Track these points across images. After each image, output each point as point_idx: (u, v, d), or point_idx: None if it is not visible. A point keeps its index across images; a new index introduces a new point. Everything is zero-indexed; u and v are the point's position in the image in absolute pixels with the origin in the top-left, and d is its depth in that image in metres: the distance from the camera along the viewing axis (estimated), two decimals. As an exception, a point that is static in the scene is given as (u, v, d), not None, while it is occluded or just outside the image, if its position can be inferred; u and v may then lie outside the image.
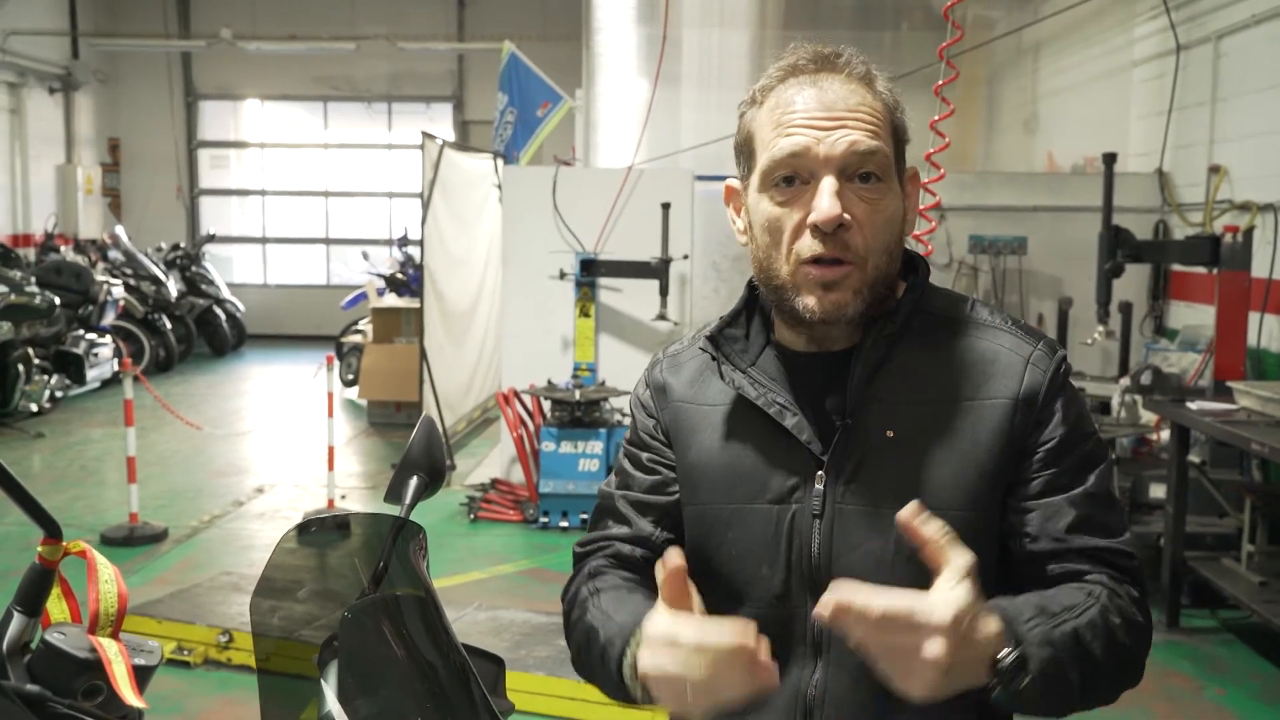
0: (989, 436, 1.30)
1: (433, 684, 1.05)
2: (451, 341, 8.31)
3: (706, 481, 1.39)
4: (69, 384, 9.52)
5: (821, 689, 1.32)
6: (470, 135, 14.71)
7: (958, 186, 7.11)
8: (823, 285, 1.29)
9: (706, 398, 1.42)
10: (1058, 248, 6.91)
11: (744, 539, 1.36)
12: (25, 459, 8.26)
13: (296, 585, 1.09)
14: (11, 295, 8.55)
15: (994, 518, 1.32)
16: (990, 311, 1.39)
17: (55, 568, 0.92)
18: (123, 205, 15.59)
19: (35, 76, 13.68)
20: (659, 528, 1.46)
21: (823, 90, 1.30)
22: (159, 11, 14.86)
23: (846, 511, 1.31)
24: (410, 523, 1.21)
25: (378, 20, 14.24)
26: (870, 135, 1.28)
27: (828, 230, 1.26)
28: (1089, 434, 1.35)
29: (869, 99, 1.31)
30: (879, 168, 1.28)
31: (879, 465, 1.31)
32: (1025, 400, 1.30)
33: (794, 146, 1.28)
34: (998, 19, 8.92)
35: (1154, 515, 5.32)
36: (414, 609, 1.12)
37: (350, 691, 1.01)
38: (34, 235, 13.38)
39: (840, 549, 1.31)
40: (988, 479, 1.30)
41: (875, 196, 1.29)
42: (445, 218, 7.96)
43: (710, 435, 1.41)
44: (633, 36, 8.77)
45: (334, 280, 15.42)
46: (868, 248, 1.29)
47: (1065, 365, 1.35)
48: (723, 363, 1.39)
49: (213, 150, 15.90)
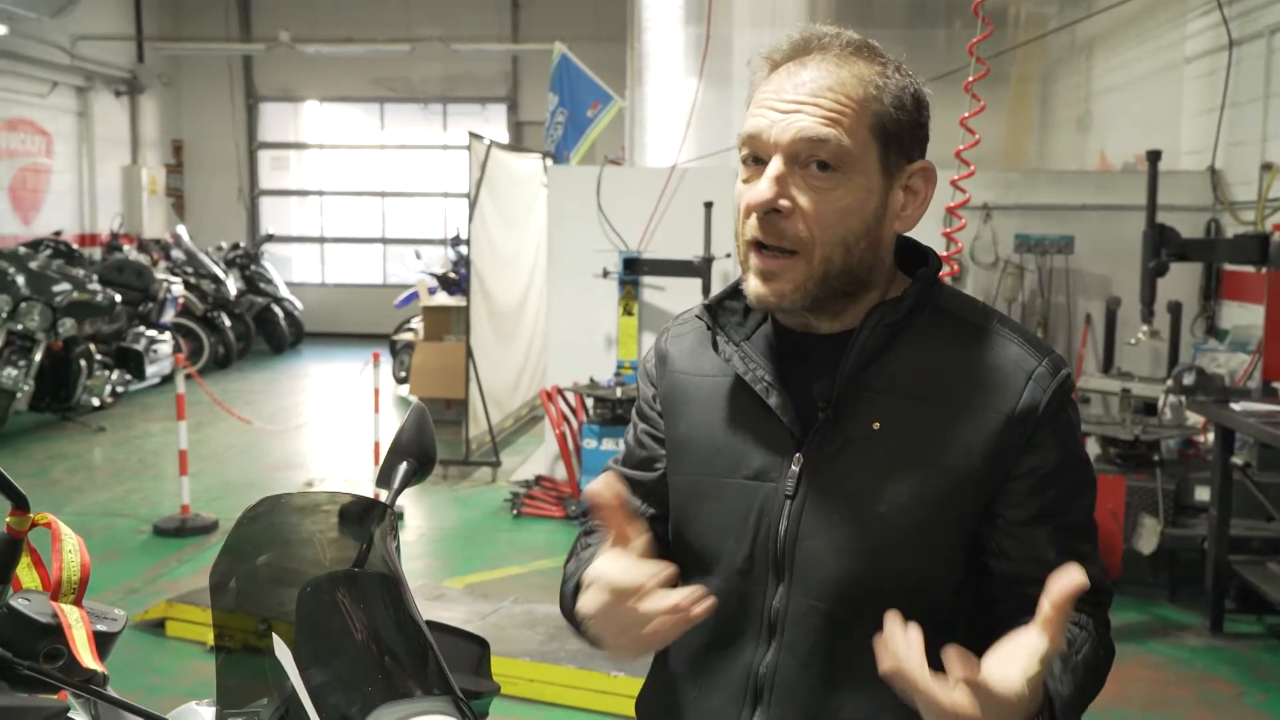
0: (976, 449, 1.27)
1: (389, 657, 1.09)
2: (499, 339, 8.40)
3: (692, 453, 1.40)
4: (129, 379, 9.74)
5: (771, 669, 1.32)
6: (524, 136, 14.83)
7: (1004, 185, 7.05)
8: (763, 273, 1.29)
9: (702, 369, 1.42)
10: (1106, 247, 6.82)
11: (718, 512, 1.36)
12: (86, 452, 8.49)
13: (257, 561, 1.13)
14: (74, 293, 8.78)
15: (962, 530, 1.31)
16: (1001, 320, 1.36)
17: (23, 537, 0.97)
18: (185, 205, 15.94)
19: (102, 80, 14.03)
20: (645, 503, 1.49)
21: (799, 72, 1.28)
22: (221, 15, 15.17)
23: (818, 497, 1.30)
24: (383, 505, 1.25)
25: (432, 22, 14.41)
26: (826, 123, 1.24)
27: (759, 213, 1.26)
28: (1081, 460, 1.34)
29: (845, 83, 1.27)
30: (831, 156, 1.24)
31: (859, 456, 1.29)
32: (1020, 418, 1.27)
33: (754, 126, 1.28)
34: (1050, 15, 8.83)
35: (1199, 518, 5.24)
36: (376, 586, 1.16)
37: (305, 661, 1.05)
38: (100, 235, 13.73)
39: (806, 533, 1.30)
40: (966, 491, 1.28)
41: (826, 186, 1.25)
42: (493, 217, 8.05)
43: (701, 407, 1.41)
44: (680, 37, 8.79)
45: (390, 279, 15.62)
46: (812, 238, 1.26)
47: (1067, 385, 1.31)
48: (718, 333, 1.38)
49: (273, 151, 16.20)
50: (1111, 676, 1.34)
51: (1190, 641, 4.93)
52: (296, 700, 1.03)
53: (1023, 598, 1.30)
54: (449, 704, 1.09)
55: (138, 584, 5.44)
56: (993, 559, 1.32)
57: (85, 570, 0.98)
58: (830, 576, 1.29)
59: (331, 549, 1.16)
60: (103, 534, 6.31)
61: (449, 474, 7.69)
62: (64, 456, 8.28)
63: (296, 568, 1.13)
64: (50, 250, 9.89)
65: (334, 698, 1.03)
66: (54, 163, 13.36)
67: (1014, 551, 1.31)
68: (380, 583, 1.16)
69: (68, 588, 0.97)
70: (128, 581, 5.47)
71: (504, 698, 4.22)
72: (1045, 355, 1.31)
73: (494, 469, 7.71)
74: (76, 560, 0.98)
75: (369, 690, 1.03)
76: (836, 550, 1.29)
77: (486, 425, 7.89)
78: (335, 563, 1.15)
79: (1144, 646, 4.87)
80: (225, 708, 1.06)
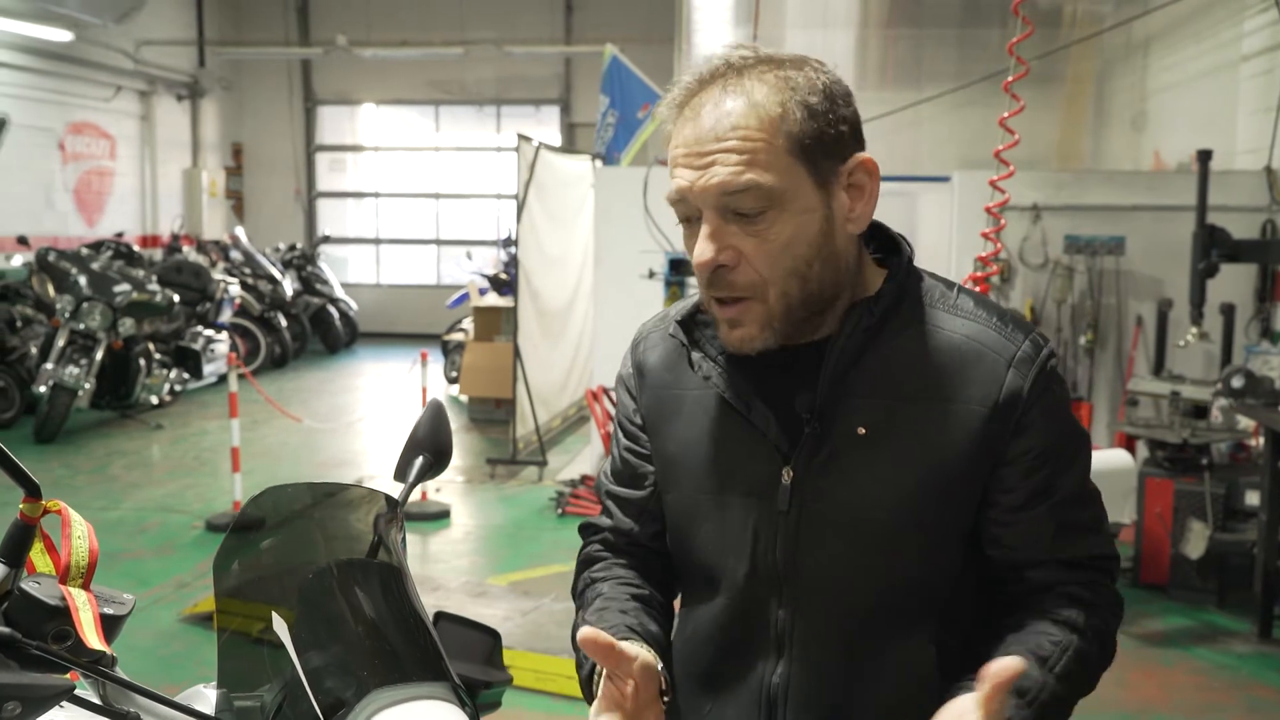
0: (964, 441, 1.26)
1: (388, 644, 1.13)
2: (546, 339, 8.47)
3: (683, 470, 1.39)
4: (187, 378, 9.94)
5: (785, 682, 1.32)
6: (577, 137, 14.92)
7: (1054, 185, 6.98)
8: (728, 323, 1.29)
9: (683, 382, 1.40)
10: (1158, 248, 6.72)
11: (714, 530, 1.36)
12: (145, 449, 8.68)
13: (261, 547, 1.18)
14: (134, 293, 8.98)
15: (960, 524, 1.31)
16: (976, 302, 1.33)
17: (36, 523, 1.01)
18: (244, 207, 16.23)
19: (164, 85, 14.33)
20: (638, 523, 1.48)
21: (699, 117, 1.23)
22: (280, 20, 15.43)
23: (812, 509, 1.29)
24: (387, 497, 1.29)
25: (486, 25, 14.54)
26: (740, 167, 1.20)
27: (705, 274, 1.25)
28: (1070, 433, 1.32)
29: (747, 115, 1.21)
30: (755, 200, 1.21)
31: (848, 463, 1.28)
32: (1005, 405, 1.26)
33: (676, 189, 1.25)
34: (1106, 14, 8.72)
35: (1249, 523, 5.15)
36: (377, 575, 1.20)
37: (305, 646, 1.09)
38: (161, 236, 14.02)
39: (804, 548, 1.30)
40: (958, 485, 1.28)
41: (760, 228, 1.23)
42: (541, 218, 8.11)
43: (686, 422, 1.39)
44: (730, 38, 8.81)
45: (443, 280, 15.78)
46: (763, 279, 1.25)
47: (1050, 364, 1.30)
48: (693, 350, 1.37)
49: (330, 154, 16.44)
50: (1157, 682, 1.36)
51: (1238, 648, 4.85)
52: (296, 685, 1.07)
53: (1024, 582, 1.32)
54: (445, 689, 1.12)
55: (188, 578, 5.56)
56: (990, 547, 1.33)
57: (93, 555, 1.03)
58: (833, 586, 1.30)
59: (336, 538, 1.20)
60: (157, 529, 6.46)
61: (496, 473, 7.77)
62: (122, 453, 8.47)
63: (300, 555, 1.17)
64: (111, 251, 10.12)
65: (330, 681, 1.07)
66: (117, 165, 13.67)
67: (1009, 539, 1.31)
68: (382, 572, 1.20)
69: (76, 571, 1.01)
70: (179, 576, 5.59)
71: (542, 694, 4.27)
72: (1025, 336, 1.30)
73: (540, 468, 7.77)
74: (85, 546, 1.03)
75: (364, 675, 1.06)
76: (836, 560, 1.29)
77: (534, 425, 7.95)
78: (339, 552, 1.18)
79: (1190, 653, 4.80)
80: (227, 690, 1.10)
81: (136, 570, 5.70)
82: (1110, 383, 6.91)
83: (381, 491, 1.29)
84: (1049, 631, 1.27)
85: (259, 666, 1.11)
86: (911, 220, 7.55)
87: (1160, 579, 5.42)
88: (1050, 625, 1.28)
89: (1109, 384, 6.91)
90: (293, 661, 1.08)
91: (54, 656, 0.98)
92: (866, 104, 5.57)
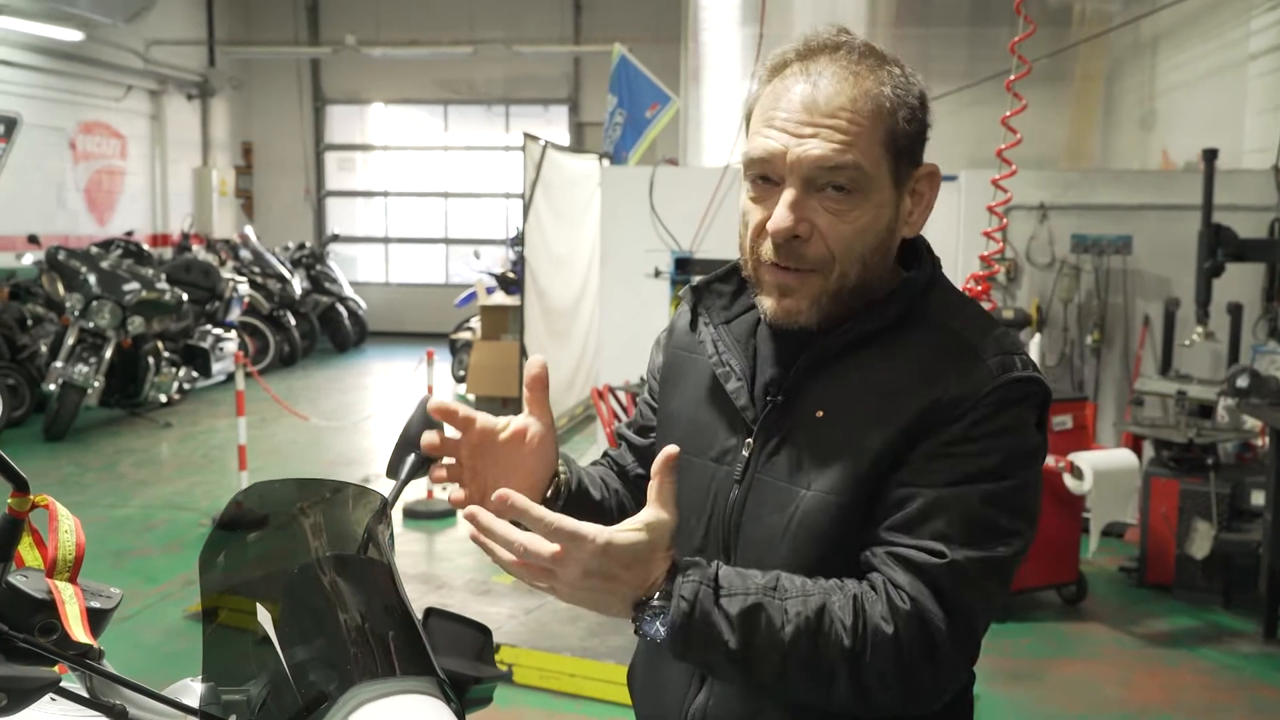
0: (899, 428, 1.25)
1: (373, 639, 1.14)
2: (553, 338, 8.48)
3: (676, 429, 1.45)
4: (196, 376, 9.98)
5: None
6: (585, 137, 14.93)
7: (1061, 184, 6.97)
8: (779, 289, 1.30)
9: (695, 347, 1.46)
10: (1165, 247, 6.70)
11: (687, 489, 1.37)
12: (154, 446, 8.72)
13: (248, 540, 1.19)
14: (143, 292, 9.01)
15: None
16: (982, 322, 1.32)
17: (24, 518, 1.02)
18: (254, 206, 16.27)
19: (174, 84, 14.39)
20: (637, 463, 1.58)
21: (813, 86, 1.25)
22: (290, 20, 15.48)
23: (762, 482, 1.33)
24: (375, 493, 1.30)
25: (495, 25, 14.56)
26: (842, 147, 1.23)
27: (779, 241, 1.27)
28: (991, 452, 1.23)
29: (859, 100, 1.25)
30: (849, 180, 1.24)
31: (800, 442, 1.31)
32: (948, 403, 1.24)
33: (766, 149, 1.27)
34: (1114, 13, 8.70)
35: (1254, 523, 5.14)
36: (364, 571, 1.21)
37: (289, 640, 1.10)
38: (171, 235, 14.08)
39: (748, 517, 1.34)
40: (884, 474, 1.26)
41: (844, 208, 1.26)
42: (548, 217, 8.13)
43: (689, 384, 1.46)
44: (737, 37, 8.81)
45: (452, 279, 15.81)
46: (831, 257, 1.27)
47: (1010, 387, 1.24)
48: (700, 314, 1.43)
49: (340, 153, 16.48)
50: (1161, 682, 1.28)
51: (1243, 648, 4.84)
52: (280, 679, 1.08)
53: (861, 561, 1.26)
54: (429, 684, 1.13)
55: (195, 575, 5.56)
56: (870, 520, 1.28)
57: (80, 549, 1.04)
58: (761, 559, 1.31)
59: (323, 535, 1.21)
60: (165, 526, 6.49)
61: (503, 471, 7.77)
62: (131, 451, 8.51)
63: (287, 551, 1.18)
64: (121, 250, 10.17)
65: (314, 675, 1.08)
66: (128, 165, 13.72)
67: (877, 510, 1.25)
68: (369, 568, 1.21)
69: (63, 566, 1.03)
70: (186, 573, 5.62)
71: (545, 692, 4.28)
72: (998, 355, 1.26)
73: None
74: (72, 540, 1.04)
75: (348, 669, 1.07)
76: (768, 534, 1.32)
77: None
78: (326, 548, 1.19)
79: (1195, 653, 4.79)
80: (211, 682, 1.11)
81: (144, 567, 5.73)
82: (1117, 382, 6.89)
83: (371, 489, 1.30)
84: (813, 580, 1.21)
85: (244, 660, 1.12)
86: (919, 219, 7.54)
87: (1165, 579, 5.41)
88: (822, 580, 1.21)
89: (1115, 383, 6.89)
90: (277, 655, 1.09)
91: (40, 649, 0.99)
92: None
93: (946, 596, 1.19)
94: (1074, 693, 4.42)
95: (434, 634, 1.38)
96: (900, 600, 1.19)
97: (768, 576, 1.20)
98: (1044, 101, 8.82)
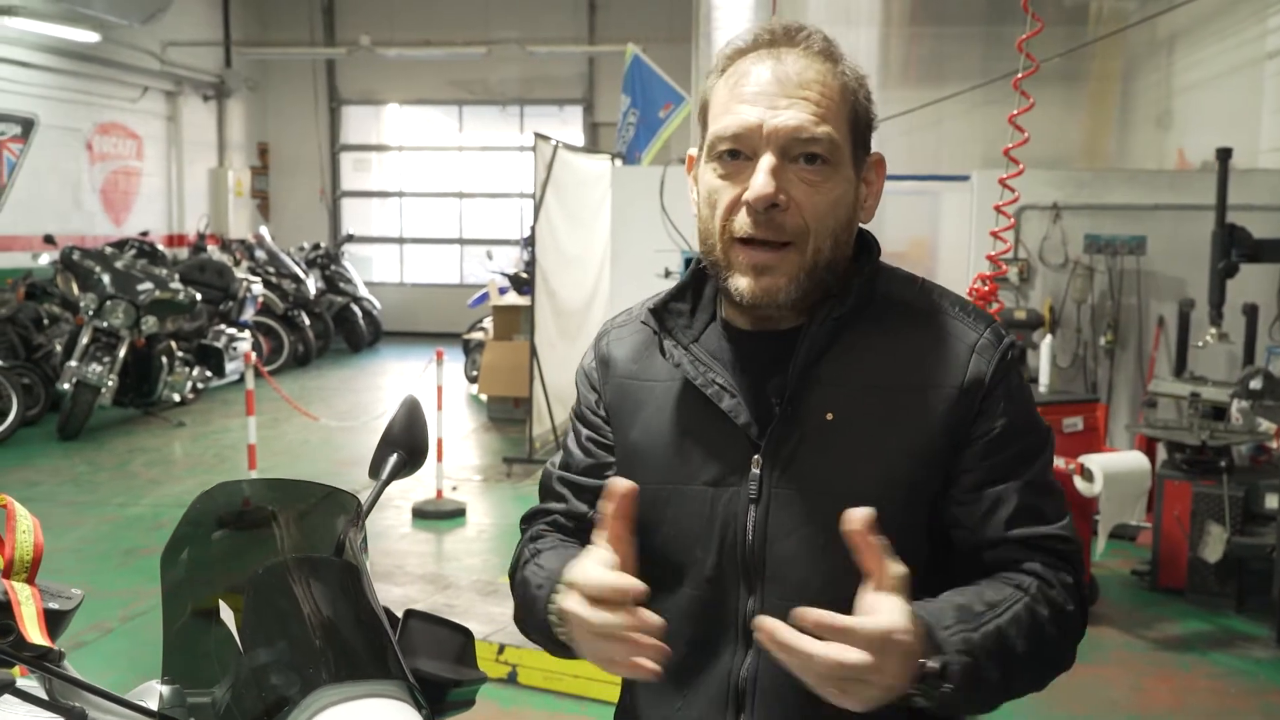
0: (931, 426, 1.28)
1: (339, 642, 1.12)
2: (564, 339, 8.46)
3: (648, 460, 1.38)
4: (209, 376, 10.02)
5: (752, 675, 1.30)
6: (600, 137, 14.92)
7: (1075, 184, 6.92)
8: (755, 268, 1.27)
9: (650, 373, 1.40)
10: (1180, 248, 6.64)
11: (681, 520, 1.35)
12: (166, 446, 8.75)
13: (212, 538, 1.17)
14: (157, 291, 9.05)
15: (926, 508, 1.30)
16: (939, 294, 1.37)
17: (-19, 519, 1.02)
18: (270, 206, 16.33)
19: (190, 85, 14.45)
20: (594, 509, 1.44)
21: (780, 64, 1.27)
22: (305, 21, 15.53)
23: (782, 496, 1.29)
24: (348, 495, 1.28)
25: (509, 25, 14.56)
26: (818, 117, 1.25)
27: (760, 209, 1.24)
28: (1032, 424, 1.33)
29: (826, 77, 1.28)
30: (824, 150, 1.25)
31: (817, 449, 1.28)
32: (968, 389, 1.28)
33: (741, 123, 1.25)
34: (1130, 11, 8.63)
35: (1269, 526, 5.08)
36: (332, 573, 1.19)
37: (253, 642, 1.08)
38: (187, 235, 14.14)
39: (775, 534, 1.29)
40: (925, 470, 1.28)
41: (818, 179, 1.26)
42: (559, 217, 8.11)
43: (652, 413, 1.39)
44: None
45: (466, 279, 15.83)
46: (807, 229, 1.26)
47: (1012, 353, 1.33)
48: (665, 338, 1.37)
49: (355, 153, 16.52)
50: (1173, 687, 1.32)
51: (1256, 653, 4.78)
52: (242, 682, 1.07)
53: (983, 564, 1.30)
54: (396, 688, 1.11)
55: (204, 574, 5.59)
56: (953, 530, 1.32)
57: (38, 550, 1.02)
58: (803, 575, 1.28)
59: (291, 535, 1.19)
60: (175, 525, 6.49)
61: (513, 472, 7.78)
62: (144, 450, 8.54)
63: (252, 551, 1.17)
64: (135, 250, 10.20)
65: (277, 677, 1.06)
66: (144, 165, 13.78)
67: (968, 518, 1.30)
68: (337, 570, 1.19)
69: (20, 566, 1.01)
70: (195, 571, 5.62)
71: (549, 693, 4.26)
72: (986, 325, 1.33)
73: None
74: (30, 540, 1.02)
75: (311, 672, 1.06)
76: (808, 548, 1.28)
77: (550, 424, 7.95)
78: (293, 549, 1.18)
79: (1206, 657, 4.74)
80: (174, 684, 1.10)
81: (152, 566, 5.71)
82: (1130, 384, 6.84)
83: (344, 491, 1.28)
84: (993, 586, 1.26)
85: (206, 662, 1.10)
86: (934, 219, 7.50)
87: (1178, 583, 5.35)
88: (996, 583, 1.26)
89: (1129, 385, 6.84)
90: (240, 657, 1.08)
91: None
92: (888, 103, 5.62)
93: (1079, 563, 1.32)
94: (1083, 697, 4.37)
95: (414, 636, 1.36)
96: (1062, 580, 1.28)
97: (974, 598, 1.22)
98: (1060, 101, 8.76)
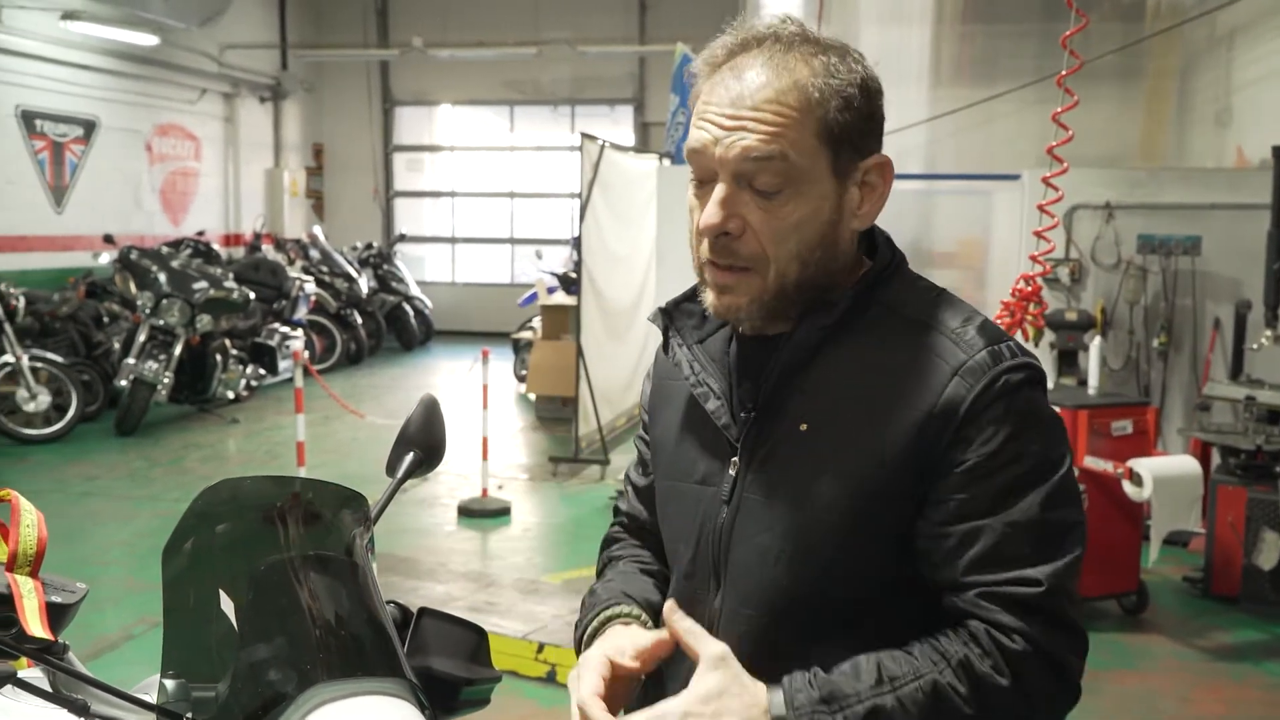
0: (895, 447, 1.21)
1: (338, 640, 1.13)
2: (611, 338, 8.47)
3: (662, 457, 1.44)
4: (263, 374, 10.15)
5: None
6: (650, 136, 14.92)
7: (1128, 184, 6.80)
8: (718, 287, 1.28)
9: (674, 372, 1.42)
10: (1237, 248, 6.50)
11: (676, 516, 1.40)
12: (220, 442, 8.88)
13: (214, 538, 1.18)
14: (212, 290, 9.20)
15: (888, 532, 1.23)
16: (950, 309, 1.28)
17: (-14, 512, 1.03)
18: (324, 206, 16.52)
19: (247, 87, 14.66)
20: (645, 508, 1.55)
21: (739, 80, 1.22)
22: (359, 23, 15.70)
23: (750, 501, 1.29)
24: (355, 494, 1.29)
25: (560, 25, 14.60)
26: (768, 139, 1.20)
27: (709, 238, 1.25)
28: (1024, 454, 1.20)
29: (786, 92, 1.20)
30: (776, 174, 1.21)
31: (786, 458, 1.27)
32: (939, 414, 1.19)
33: (694, 142, 1.25)
34: (1189, 6, 8.46)
35: (1325, 534, 4.96)
36: (334, 571, 1.20)
37: (252, 637, 1.09)
38: (244, 235, 14.34)
39: (737, 539, 1.30)
40: (886, 491, 1.22)
41: (776, 203, 1.22)
42: (606, 217, 8.12)
43: (671, 411, 1.43)
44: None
45: (517, 279, 15.90)
46: (766, 254, 1.24)
47: (1010, 378, 1.21)
48: (673, 336, 1.40)
49: (408, 154, 16.66)
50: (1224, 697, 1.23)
51: (1311, 663, 4.68)
52: (240, 677, 1.08)
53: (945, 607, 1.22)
54: (397, 686, 1.11)
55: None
56: (919, 564, 1.24)
57: (42, 544, 1.04)
58: (756, 583, 1.28)
59: (294, 533, 1.20)
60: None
61: (559, 471, 7.80)
62: (198, 446, 8.68)
63: (253, 548, 1.18)
64: (190, 249, 10.36)
65: (275, 674, 1.07)
66: (202, 166, 14.01)
67: (934, 554, 1.21)
68: (339, 568, 1.20)
69: (23, 559, 1.03)
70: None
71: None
72: (985, 347, 1.22)
73: (603, 467, 7.78)
74: (34, 534, 1.04)
75: (308, 669, 1.06)
76: (762, 556, 1.28)
77: (596, 423, 7.96)
78: (295, 547, 1.18)
79: (1260, 666, 4.63)
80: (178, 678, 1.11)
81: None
82: (1185, 387, 6.70)
83: (350, 489, 1.28)
84: (915, 650, 1.18)
85: (206, 657, 1.11)
86: (986, 219, 7.41)
87: (1231, 590, 5.24)
88: (923, 646, 1.19)
89: (1183, 388, 6.70)
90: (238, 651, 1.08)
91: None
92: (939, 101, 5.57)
93: (1054, 617, 1.17)
94: (1130, 706, 4.29)
95: (427, 635, 1.36)
96: (1012, 643, 1.16)
97: (868, 669, 1.17)
98: (1116, 98, 8.62)
